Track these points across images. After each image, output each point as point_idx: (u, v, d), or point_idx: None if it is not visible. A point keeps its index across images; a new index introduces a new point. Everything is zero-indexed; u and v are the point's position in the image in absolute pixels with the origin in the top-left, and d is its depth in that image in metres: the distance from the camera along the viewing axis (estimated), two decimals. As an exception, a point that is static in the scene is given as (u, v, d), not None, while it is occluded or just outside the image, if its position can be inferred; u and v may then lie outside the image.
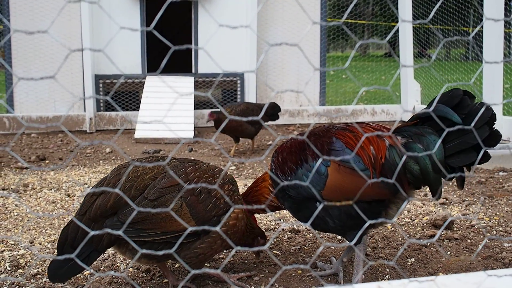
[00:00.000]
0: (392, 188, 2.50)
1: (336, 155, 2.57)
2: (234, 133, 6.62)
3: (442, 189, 2.62)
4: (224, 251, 3.35)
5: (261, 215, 3.94)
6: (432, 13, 1.30)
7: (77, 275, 2.97)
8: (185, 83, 8.85)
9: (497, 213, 4.08)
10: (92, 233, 1.55)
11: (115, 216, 2.52)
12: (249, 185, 3.89)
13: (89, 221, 2.53)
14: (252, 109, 6.72)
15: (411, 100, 8.98)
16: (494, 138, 2.39)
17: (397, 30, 8.98)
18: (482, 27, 6.23)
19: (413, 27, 8.85)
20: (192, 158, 4.30)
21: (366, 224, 1.98)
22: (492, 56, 5.89)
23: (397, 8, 8.56)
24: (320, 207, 2.58)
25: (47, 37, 8.74)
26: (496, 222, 3.88)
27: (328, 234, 3.66)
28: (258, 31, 9.19)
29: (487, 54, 5.94)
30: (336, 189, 2.54)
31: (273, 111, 6.99)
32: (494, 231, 3.70)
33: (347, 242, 2.76)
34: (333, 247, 3.42)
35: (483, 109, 2.36)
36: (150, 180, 2.60)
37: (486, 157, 2.42)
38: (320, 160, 2.57)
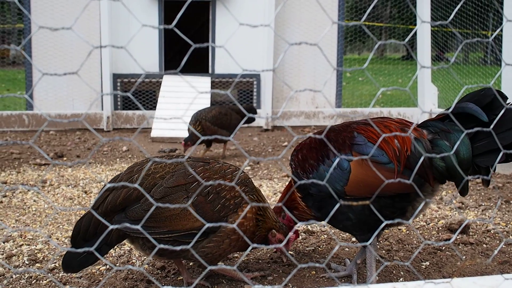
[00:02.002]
0: (417, 181, 2.46)
1: (358, 149, 2.53)
2: (209, 140, 6.34)
3: (469, 187, 2.58)
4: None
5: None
6: (452, 15, 1.30)
7: (94, 271, 3.01)
8: (201, 83, 8.90)
9: (514, 218, 4.04)
10: (110, 227, 1.58)
11: (123, 212, 2.58)
12: (276, 188, 3.85)
13: (100, 215, 2.58)
14: (225, 113, 6.38)
15: (428, 103, 8.91)
16: None
17: (415, 33, 8.93)
18: (501, 30, 6.14)
19: (431, 30, 8.78)
20: (207, 157, 4.33)
21: (383, 224, 1.97)
22: (512, 58, 5.76)
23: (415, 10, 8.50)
24: (337, 206, 2.55)
25: (66, 35, 8.85)
26: (513, 228, 3.84)
27: (343, 236, 3.65)
28: (275, 32, 9.20)
29: (506, 56, 5.82)
30: (360, 184, 2.49)
31: (249, 113, 6.76)
32: (511, 236, 3.66)
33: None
34: (347, 249, 3.42)
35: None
36: (159, 179, 2.63)
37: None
38: (337, 159, 2.56)
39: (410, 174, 2.46)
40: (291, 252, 3.36)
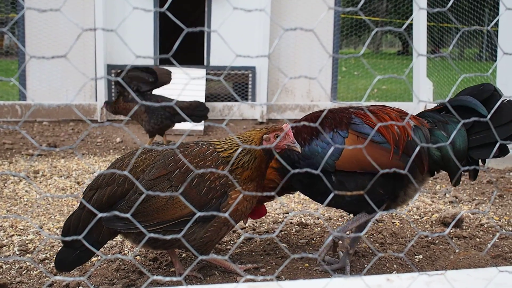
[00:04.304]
0: (410, 164, 2.48)
1: (355, 128, 2.58)
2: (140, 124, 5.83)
3: (461, 177, 2.64)
4: (232, 241, 3.35)
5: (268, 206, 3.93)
6: (451, 2, 1.28)
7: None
8: (196, 75, 8.85)
9: (507, 212, 4.04)
10: (99, 215, 1.56)
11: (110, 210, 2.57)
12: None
13: (88, 214, 2.58)
14: (164, 107, 5.59)
15: (423, 98, 8.91)
16: None
17: (412, 27, 8.92)
18: (498, 22, 6.09)
19: (427, 25, 8.78)
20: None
21: (377, 216, 1.96)
22: (510, 47, 5.62)
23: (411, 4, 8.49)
24: (331, 196, 2.54)
25: (61, 27, 8.77)
26: (506, 222, 3.85)
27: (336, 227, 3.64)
28: (271, 27, 9.14)
29: (503, 44, 5.69)
30: (352, 159, 2.53)
31: (195, 111, 5.89)
32: (504, 231, 3.67)
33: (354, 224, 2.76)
34: (340, 242, 3.40)
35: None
36: (141, 172, 2.60)
37: (505, 151, 2.43)
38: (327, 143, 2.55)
39: (406, 157, 2.50)
40: (284, 245, 3.34)
